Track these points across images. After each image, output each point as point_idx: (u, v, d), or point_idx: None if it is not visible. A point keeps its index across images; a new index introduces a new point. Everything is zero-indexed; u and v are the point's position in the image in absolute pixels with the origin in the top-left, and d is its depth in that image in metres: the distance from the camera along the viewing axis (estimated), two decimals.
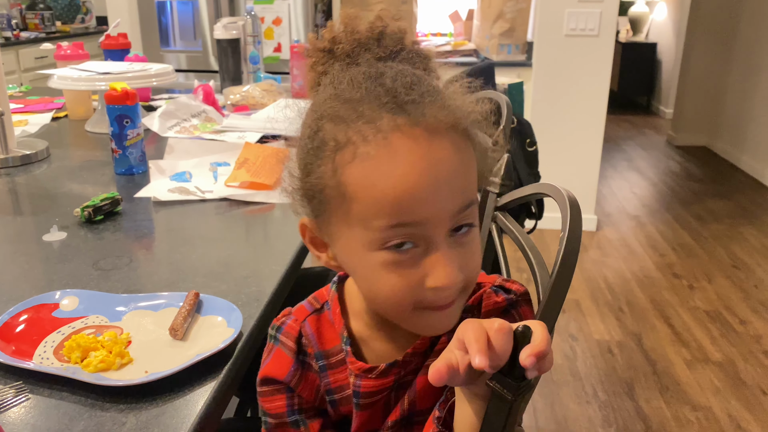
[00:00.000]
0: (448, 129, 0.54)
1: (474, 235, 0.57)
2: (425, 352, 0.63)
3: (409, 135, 0.52)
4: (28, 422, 0.64)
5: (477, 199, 0.56)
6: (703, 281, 2.89)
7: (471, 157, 0.56)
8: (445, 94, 0.56)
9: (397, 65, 0.59)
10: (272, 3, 3.23)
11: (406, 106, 0.53)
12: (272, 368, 0.67)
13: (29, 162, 1.51)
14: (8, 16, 4.26)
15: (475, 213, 0.56)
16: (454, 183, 0.53)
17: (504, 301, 0.62)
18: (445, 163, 0.53)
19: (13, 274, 0.96)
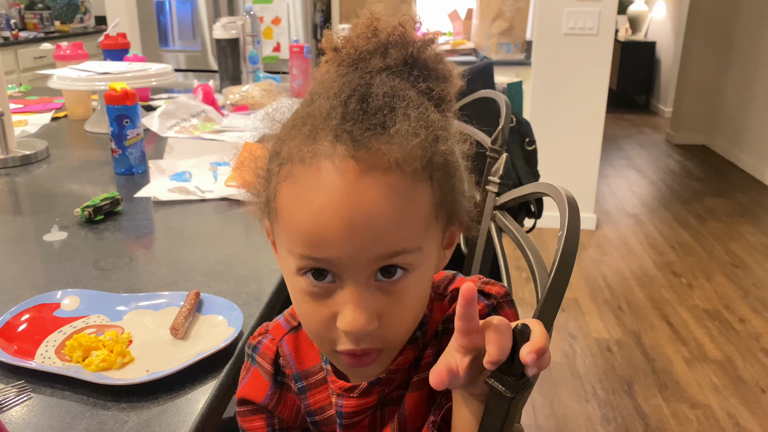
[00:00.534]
0: (390, 168, 0.48)
1: (409, 285, 0.52)
2: (408, 368, 0.61)
3: (338, 167, 0.48)
4: (30, 421, 0.64)
5: (412, 248, 0.50)
6: (702, 279, 2.89)
7: (417, 200, 0.50)
8: (416, 127, 0.50)
9: (390, 81, 0.53)
10: (271, 2, 3.23)
11: (354, 133, 0.48)
12: (249, 390, 0.65)
13: (29, 162, 1.51)
14: (7, 15, 4.26)
15: (413, 260, 0.51)
16: (376, 228, 0.48)
17: (485, 307, 0.60)
18: (369, 206, 0.47)
19: (14, 273, 0.97)
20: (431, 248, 0.54)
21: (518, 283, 2.76)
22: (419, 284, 0.53)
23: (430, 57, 0.57)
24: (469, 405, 0.53)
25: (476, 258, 1.01)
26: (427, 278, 0.55)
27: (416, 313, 0.55)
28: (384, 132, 0.49)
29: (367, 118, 0.50)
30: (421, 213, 0.51)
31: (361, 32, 0.57)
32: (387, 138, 0.49)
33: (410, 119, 0.50)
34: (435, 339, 0.62)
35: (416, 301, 0.54)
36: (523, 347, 0.47)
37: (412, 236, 0.50)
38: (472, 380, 0.52)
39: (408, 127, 0.49)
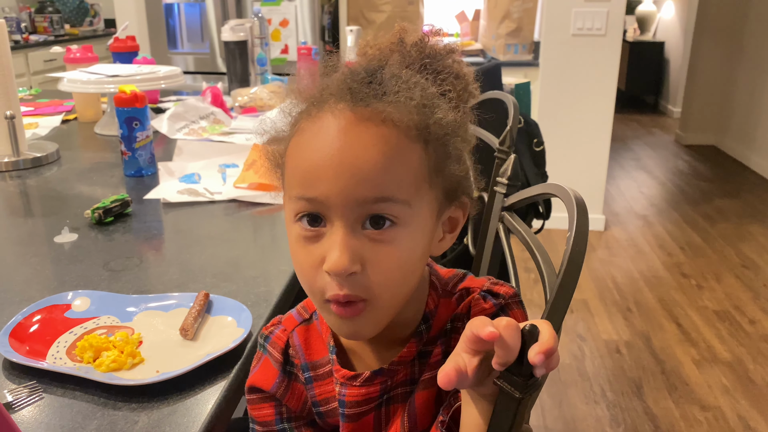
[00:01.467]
0: (384, 122, 0.52)
1: (397, 236, 0.53)
2: (412, 363, 0.62)
3: (337, 117, 0.53)
4: (42, 421, 0.65)
5: (400, 198, 0.52)
6: (711, 281, 2.88)
7: (407, 155, 0.53)
8: (413, 94, 0.54)
9: (400, 68, 0.59)
10: (279, 5, 3.25)
11: (355, 92, 0.54)
12: (259, 378, 0.67)
13: (40, 164, 1.52)
14: (17, 19, 4.29)
15: (400, 212, 0.53)
16: (363, 171, 0.51)
17: (492, 306, 0.61)
18: (358, 149, 0.52)
19: (26, 275, 0.98)
20: (423, 210, 0.55)
21: (527, 284, 2.76)
22: (406, 242, 0.54)
23: (448, 63, 0.61)
24: (478, 405, 0.54)
25: (484, 259, 1.01)
26: (416, 240, 0.55)
27: (401, 273, 0.55)
28: (383, 93, 0.54)
29: (372, 86, 0.55)
30: (411, 168, 0.54)
31: (388, 39, 0.63)
32: (384, 97, 0.54)
33: (409, 87, 0.55)
34: (444, 337, 0.62)
35: (402, 257, 0.54)
36: (531, 348, 0.47)
37: (399, 186, 0.53)
38: (481, 381, 0.52)
39: (406, 93, 0.54)
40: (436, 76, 0.59)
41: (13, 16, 4.33)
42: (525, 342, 0.47)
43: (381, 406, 0.64)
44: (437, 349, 0.62)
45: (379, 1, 3.59)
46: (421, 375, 0.63)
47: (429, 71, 0.59)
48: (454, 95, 0.59)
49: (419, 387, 0.62)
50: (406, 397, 0.63)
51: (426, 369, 0.62)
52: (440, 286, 0.64)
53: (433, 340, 0.62)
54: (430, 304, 0.62)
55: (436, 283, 0.64)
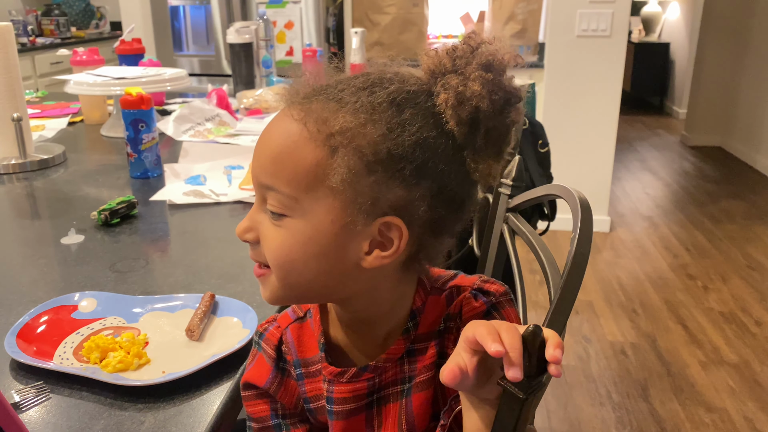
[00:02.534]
0: (297, 120, 0.55)
1: (286, 224, 0.56)
2: (401, 359, 0.62)
3: (284, 108, 0.58)
4: (49, 421, 0.65)
5: (283, 191, 0.55)
6: (717, 282, 2.87)
7: (302, 154, 0.54)
8: (357, 109, 0.54)
9: (406, 88, 0.56)
10: (284, 7, 3.25)
11: (309, 93, 0.57)
12: (253, 374, 0.67)
13: (47, 166, 1.53)
14: (24, 22, 4.32)
15: (283, 202, 0.55)
16: (262, 157, 0.57)
17: (483, 305, 0.61)
18: (269, 136, 0.57)
19: (33, 276, 0.98)
20: (317, 212, 0.55)
21: (532, 285, 2.76)
22: (294, 232, 0.56)
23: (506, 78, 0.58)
24: (479, 410, 0.54)
25: (489, 260, 1.01)
26: (305, 235, 0.56)
27: (287, 258, 0.57)
28: (323, 96, 0.56)
29: (323, 92, 0.56)
30: (303, 166, 0.54)
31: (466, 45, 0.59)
32: (318, 99, 0.56)
33: (355, 97, 0.55)
34: (438, 338, 0.62)
35: (286, 244, 0.56)
36: (547, 347, 0.47)
37: (285, 180, 0.55)
38: (481, 384, 0.52)
39: (342, 100, 0.55)
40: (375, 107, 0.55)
41: (20, 18, 4.35)
42: (528, 343, 0.48)
43: (372, 406, 0.64)
44: (431, 350, 0.62)
45: (383, 2, 3.60)
46: (411, 374, 0.63)
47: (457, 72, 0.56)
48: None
49: (416, 388, 0.62)
50: (398, 397, 0.63)
51: (420, 370, 0.62)
52: (429, 284, 0.64)
53: (422, 338, 0.62)
54: (417, 302, 0.62)
55: (424, 281, 0.64)
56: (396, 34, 3.64)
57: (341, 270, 0.57)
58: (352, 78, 0.57)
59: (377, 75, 0.57)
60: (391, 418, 0.64)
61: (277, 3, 3.25)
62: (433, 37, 4.26)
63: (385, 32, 3.63)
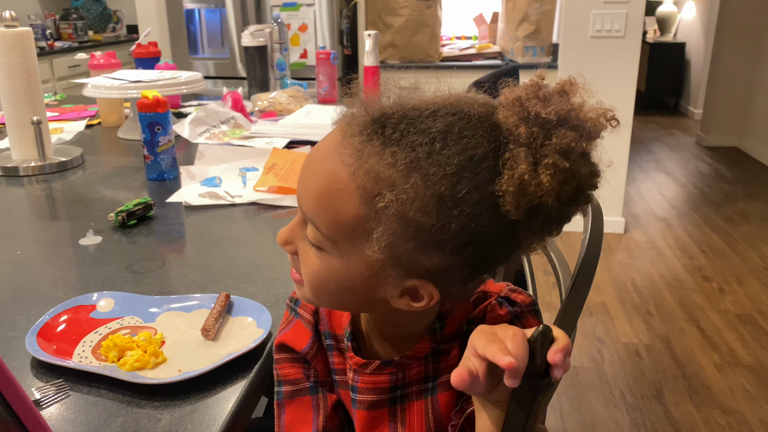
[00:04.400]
0: (348, 165, 0.51)
1: (319, 257, 0.56)
2: (426, 359, 0.63)
3: (334, 132, 0.55)
4: (68, 418, 0.67)
5: (324, 232, 0.53)
6: (733, 284, 2.85)
7: (342, 203, 0.52)
8: (406, 168, 0.49)
9: (447, 125, 0.51)
10: (298, 10, 3.27)
11: (366, 130, 0.52)
12: (291, 337, 0.69)
13: (65, 168, 1.56)
14: (43, 26, 4.37)
15: (322, 242, 0.55)
16: (306, 187, 0.55)
17: (508, 314, 0.61)
18: (318, 166, 0.54)
19: (52, 276, 1.00)
20: (352, 258, 0.54)
21: (545, 287, 2.75)
22: (327, 269, 0.56)
23: None
24: (489, 412, 0.54)
25: None
26: (339, 273, 0.56)
27: (318, 284, 0.58)
28: (382, 142, 0.50)
29: (386, 129, 0.51)
30: (345, 216, 0.52)
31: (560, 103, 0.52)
32: (375, 146, 0.50)
33: (419, 164, 0.49)
34: (460, 339, 0.63)
35: (318, 274, 0.57)
36: (551, 349, 0.48)
37: (325, 222, 0.54)
38: (492, 387, 0.52)
39: (406, 161, 0.49)
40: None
41: (39, 23, 4.41)
42: (538, 342, 0.48)
43: (395, 403, 0.65)
44: (455, 351, 0.63)
45: (396, 4, 3.60)
46: (436, 374, 0.64)
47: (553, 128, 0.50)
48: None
49: (441, 388, 0.63)
50: (422, 395, 0.64)
51: (445, 370, 0.63)
52: None
53: (447, 340, 0.63)
54: (445, 304, 0.63)
55: None
56: (409, 35, 3.64)
57: (371, 302, 0.58)
58: (414, 118, 0.51)
59: (444, 113, 0.51)
60: (417, 417, 0.64)
61: (292, 6, 3.28)
62: (447, 38, 4.26)
63: (398, 34, 3.64)
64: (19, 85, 1.50)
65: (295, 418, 0.68)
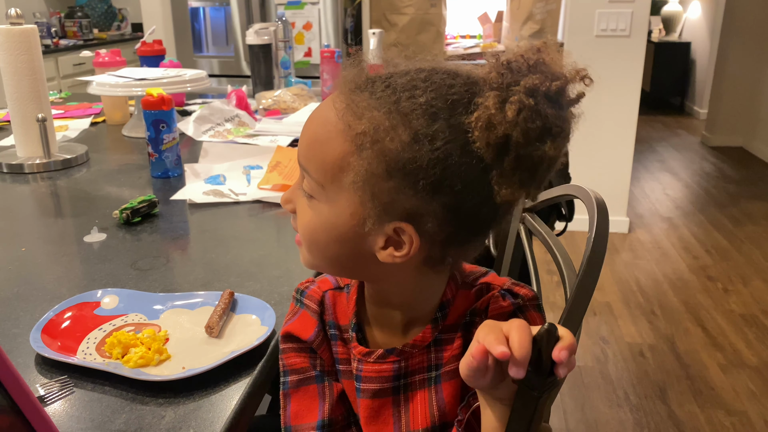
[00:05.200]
0: (336, 110, 0.56)
1: (314, 206, 0.59)
2: (428, 348, 0.64)
3: (338, 89, 0.59)
4: (72, 414, 0.67)
5: (313, 176, 0.58)
6: (738, 284, 2.84)
7: (332, 146, 0.56)
8: (388, 111, 0.53)
9: (423, 79, 0.55)
10: (303, 8, 3.27)
11: (356, 85, 0.57)
12: (297, 327, 0.69)
13: (70, 166, 1.56)
14: (48, 24, 4.38)
15: (312, 188, 0.59)
16: (304, 137, 0.59)
17: (510, 305, 0.62)
18: (312, 119, 0.60)
19: (57, 273, 1.00)
20: (339, 202, 0.57)
21: (549, 287, 2.75)
22: (319, 214, 0.59)
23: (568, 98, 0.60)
24: (495, 409, 0.55)
25: (505, 260, 1.01)
26: (326, 220, 0.59)
27: (311, 237, 0.61)
28: (368, 92, 0.55)
29: (373, 81, 0.56)
30: (331, 157, 0.56)
31: (528, 50, 0.58)
32: (360, 94, 0.56)
33: (392, 99, 0.54)
34: (463, 330, 0.64)
35: (310, 225, 0.60)
36: (556, 346, 0.48)
37: (314, 167, 0.58)
38: (495, 384, 0.53)
39: (382, 100, 0.54)
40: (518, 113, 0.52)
41: (44, 21, 4.42)
42: (543, 340, 0.48)
43: (399, 392, 0.65)
44: (458, 341, 0.64)
45: (401, 3, 3.60)
46: (438, 363, 0.64)
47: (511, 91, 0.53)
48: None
49: (445, 377, 0.64)
50: (426, 384, 0.65)
51: (448, 359, 0.64)
52: (460, 278, 0.66)
53: (449, 329, 0.64)
54: (447, 294, 0.64)
55: (456, 275, 0.66)
56: (414, 34, 3.64)
57: (359, 256, 0.59)
58: (403, 74, 0.56)
59: (428, 73, 0.56)
60: (420, 405, 0.65)
61: (296, 4, 3.28)
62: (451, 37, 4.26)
63: (403, 33, 3.64)
64: (24, 82, 1.50)
65: (301, 407, 0.68)
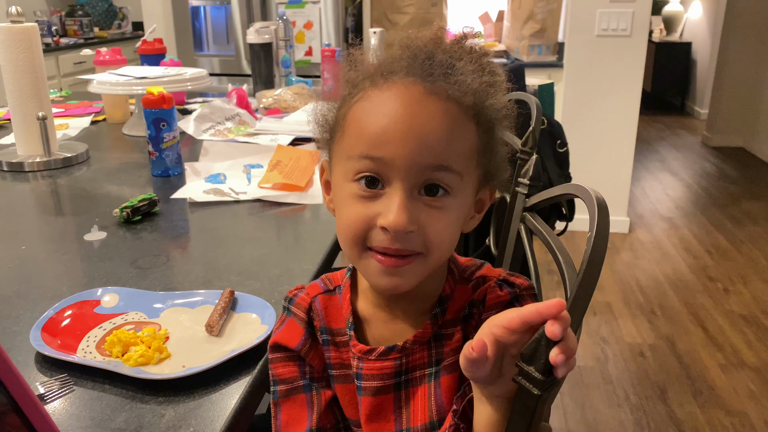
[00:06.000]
0: (449, 98, 0.57)
1: (448, 205, 0.58)
2: (428, 343, 0.64)
3: (407, 87, 0.57)
4: (72, 413, 0.67)
5: (455, 169, 0.57)
6: (738, 284, 2.84)
7: (465, 131, 0.58)
8: (473, 80, 0.59)
9: (449, 57, 0.61)
10: (303, 7, 3.27)
11: (426, 70, 0.58)
12: (284, 336, 0.69)
13: (70, 164, 1.56)
14: (49, 22, 4.38)
15: (453, 182, 0.58)
16: (428, 139, 0.56)
17: (507, 294, 0.63)
18: (426, 118, 0.56)
19: (57, 271, 1.00)
20: (469, 185, 0.60)
21: (549, 286, 2.74)
22: (454, 209, 0.59)
23: (484, 63, 0.63)
24: (492, 403, 0.55)
25: (506, 259, 1.01)
26: (461, 210, 0.61)
27: (450, 237, 0.60)
28: (447, 74, 0.58)
29: (433, 68, 0.58)
30: (467, 144, 0.59)
31: (427, 36, 0.63)
32: (448, 78, 0.58)
33: (466, 73, 0.59)
34: (462, 323, 0.65)
35: (451, 223, 0.59)
36: (553, 349, 0.47)
37: (456, 158, 0.58)
38: (493, 379, 0.53)
39: (465, 75, 0.59)
40: (481, 73, 0.61)
41: (45, 19, 4.42)
42: (543, 340, 0.48)
43: (400, 388, 0.65)
44: (457, 335, 0.64)
45: (402, 2, 3.60)
46: (438, 358, 0.64)
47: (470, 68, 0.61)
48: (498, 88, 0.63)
49: (444, 371, 0.64)
50: (426, 380, 0.65)
51: (448, 354, 0.64)
52: (458, 273, 0.66)
53: (448, 324, 0.65)
54: (446, 289, 0.65)
55: (453, 270, 0.66)
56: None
57: (459, 232, 0.63)
58: (433, 47, 0.61)
59: (447, 55, 0.61)
60: (420, 401, 0.65)
61: (297, 3, 3.27)
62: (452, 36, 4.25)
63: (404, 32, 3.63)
64: (24, 80, 1.50)
65: (291, 417, 0.68)
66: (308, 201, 1.28)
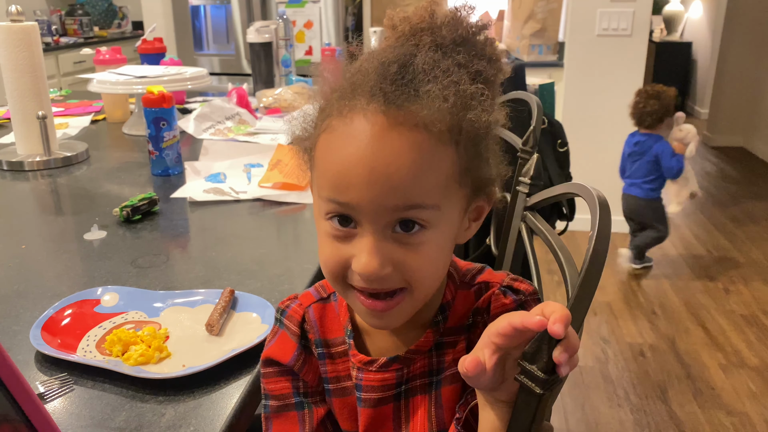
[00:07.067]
0: (417, 126, 0.52)
1: (426, 239, 0.54)
2: (429, 352, 0.62)
3: (369, 120, 0.52)
4: (72, 412, 0.66)
5: (429, 204, 0.53)
6: (739, 284, 2.83)
7: (439, 160, 0.53)
8: (446, 93, 0.53)
9: (433, 54, 0.56)
10: (303, 6, 3.27)
11: (388, 93, 0.52)
12: (276, 351, 0.66)
13: (70, 163, 1.56)
14: (48, 21, 4.38)
15: (429, 216, 0.54)
16: (393, 180, 0.51)
17: (512, 302, 0.61)
18: (389, 158, 0.51)
19: (57, 270, 1.00)
20: (451, 210, 0.56)
21: (550, 286, 2.74)
22: (436, 241, 0.56)
23: (480, 41, 0.61)
24: (495, 408, 0.54)
25: (506, 259, 1.01)
26: (445, 237, 0.57)
27: (435, 267, 0.57)
28: (416, 95, 0.53)
29: (404, 82, 0.53)
30: (442, 173, 0.54)
31: (418, 12, 0.60)
32: (417, 100, 0.52)
33: (442, 85, 0.53)
34: (466, 332, 0.63)
35: (431, 256, 0.56)
36: (556, 348, 0.47)
37: (429, 193, 0.53)
38: (496, 385, 0.52)
39: (438, 92, 0.53)
40: (468, 56, 0.58)
41: (45, 18, 4.42)
42: (545, 339, 0.48)
43: (400, 398, 0.64)
44: (461, 344, 0.62)
45: (402, 2, 3.59)
46: (439, 367, 0.63)
47: (462, 52, 0.58)
48: (483, 76, 0.58)
49: (445, 382, 0.63)
50: (426, 390, 0.63)
51: (449, 363, 0.62)
52: (458, 278, 0.64)
53: (450, 332, 0.63)
54: (447, 296, 0.63)
55: (453, 275, 0.64)
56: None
57: (451, 255, 0.60)
58: (413, 48, 0.57)
59: (429, 60, 0.56)
60: (420, 411, 0.63)
61: (297, 2, 3.27)
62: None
63: None
64: (24, 80, 1.50)
65: None
66: (309, 200, 1.27)
